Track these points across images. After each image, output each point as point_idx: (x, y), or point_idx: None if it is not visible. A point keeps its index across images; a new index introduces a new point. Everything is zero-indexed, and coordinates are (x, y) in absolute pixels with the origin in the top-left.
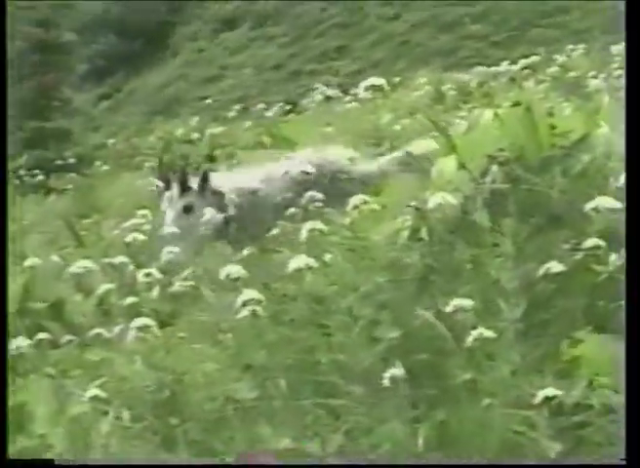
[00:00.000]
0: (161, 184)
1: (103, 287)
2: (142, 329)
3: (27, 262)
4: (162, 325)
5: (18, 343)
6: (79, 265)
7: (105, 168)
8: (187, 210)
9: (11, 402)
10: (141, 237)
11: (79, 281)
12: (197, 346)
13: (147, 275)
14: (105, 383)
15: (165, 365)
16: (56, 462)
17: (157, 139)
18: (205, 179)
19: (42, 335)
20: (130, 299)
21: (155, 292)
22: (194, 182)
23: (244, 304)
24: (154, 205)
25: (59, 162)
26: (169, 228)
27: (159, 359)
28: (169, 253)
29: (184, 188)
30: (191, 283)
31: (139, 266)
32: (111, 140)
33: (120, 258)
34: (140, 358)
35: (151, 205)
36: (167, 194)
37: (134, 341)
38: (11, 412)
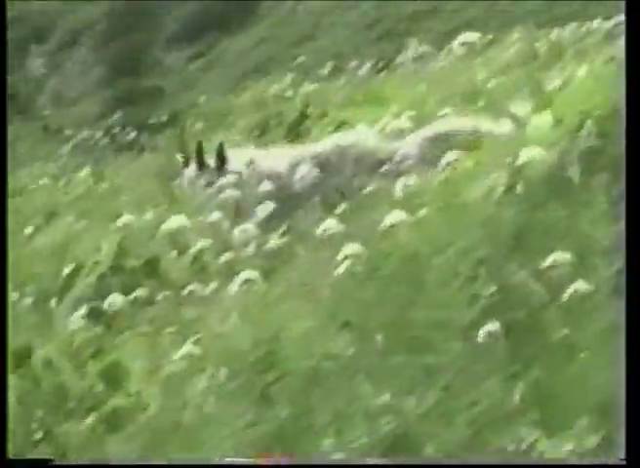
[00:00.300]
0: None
1: (198, 244)
2: (247, 282)
3: (122, 220)
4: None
5: (113, 300)
6: (174, 222)
7: (198, 126)
8: (209, 186)
9: (106, 360)
10: (236, 194)
11: (174, 238)
12: (293, 303)
13: (243, 231)
14: (201, 340)
15: (261, 321)
16: (55, 462)
17: (250, 98)
18: (222, 157)
19: (137, 293)
20: (225, 256)
21: (251, 249)
22: (212, 160)
23: (342, 260)
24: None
25: (152, 120)
26: (265, 186)
27: (255, 316)
28: (265, 210)
29: (202, 166)
30: (287, 240)
31: (233, 224)
32: (204, 99)
33: (216, 215)
34: (236, 315)
35: None
36: (185, 171)
37: (235, 296)
38: (106, 370)
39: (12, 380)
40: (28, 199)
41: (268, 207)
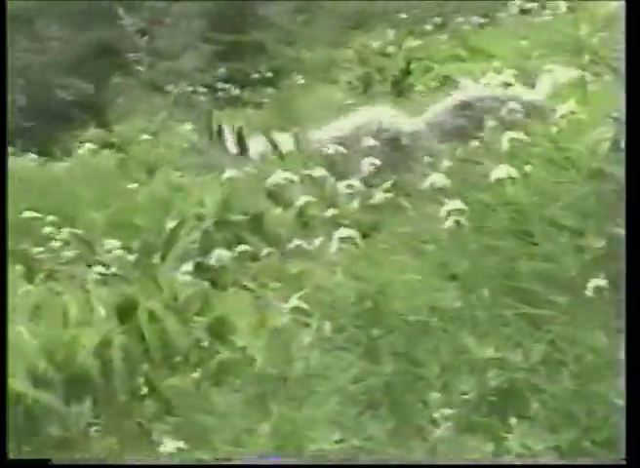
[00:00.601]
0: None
1: (303, 198)
2: (345, 239)
3: (226, 174)
4: (363, 236)
5: (218, 256)
6: (278, 177)
7: (301, 81)
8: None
9: (212, 314)
10: (341, 149)
11: (279, 193)
12: (399, 257)
13: (349, 186)
14: (306, 295)
15: (366, 275)
16: (54, 462)
17: (354, 53)
18: (242, 143)
19: (242, 248)
20: (330, 211)
21: (356, 204)
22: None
23: (448, 214)
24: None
25: (254, 75)
26: (369, 141)
27: (360, 270)
28: (370, 164)
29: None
30: (392, 194)
31: (338, 178)
32: (307, 54)
33: (320, 170)
34: (342, 269)
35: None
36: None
37: (336, 252)
38: (212, 325)
39: (117, 336)
40: (131, 154)
41: (373, 162)
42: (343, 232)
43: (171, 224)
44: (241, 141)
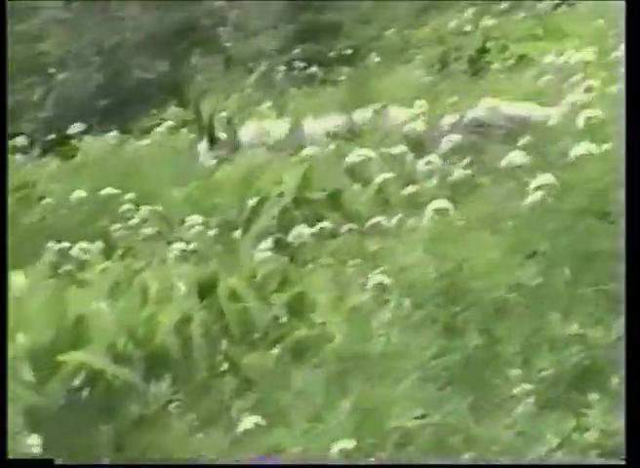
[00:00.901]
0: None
1: (382, 176)
2: (438, 212)
3: (306, 152)
4: (441, 214)
5: (298, 233)
6: (357, 155)
7: (377, 60)
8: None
9: (291, 291)
10: (420, 126)
11: (357, 170)
12: (478, 234)
13: (428, 163)
14: (385, 272)
15: (446, 253)
16: (55, 462)
17: (430, 31)
18: (232, 131)
19: (322, 225)
20: (409, 188)
21: (435, 181)
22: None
23: (530, 191)
24: (429, 96)
25: (331, 54)
26: (448, 119)
27: (440, 247)
28: (448, 141)
29: (213, 140)
30: (471, 171)
31: (417, 155)
32: (383, 33)
33: (399, 147)
34: (420, 246)
35: (426, 97)
36: (199, 146)
37: (421, 227)
38: (291, 301)
39: (197, 313)
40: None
41: (453, 139)
42: (437, 204)
43: (251, 202)
44: (230, 130)
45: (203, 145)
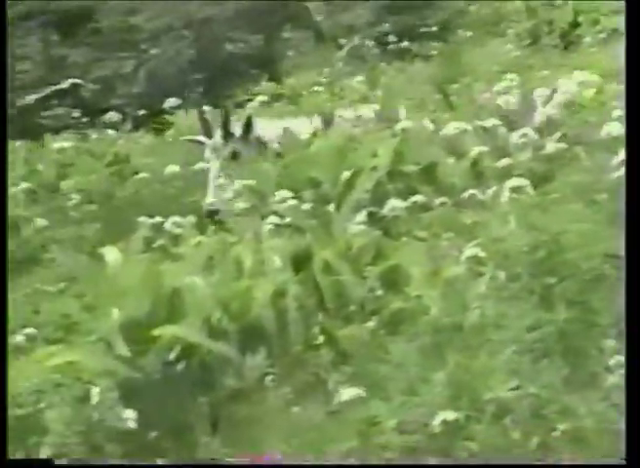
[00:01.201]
0: (203, 138)
1: (476, 149)
2: (516, 189)
3: (399, 125)
4: (536, 186)
5: (392, 206)
6: (452, 128)
7: (469, 34)
8: (234, 157)
9: (386, 264)
10: (513, 100)
11: (451, 143)
12: (572, 206)
13: (522, 136)
14: (480, 244)
15: (540, 225)
16: (55, 462)
17: (521, 5)
18: (248, 125)
19: (416, 198)
20: (504, 161)
21: (529, 154)
22: (237, 129)
23: (621, 163)
24: (521, 69)
25: (422, 29)
26: (541, 92)
27: (534, 219)
28: (541, 114)
29: (227, 135)
30: (564, 145)
31: (510, 129)
32: (473, 7)
33: (492, 121)
34: (515, 218)
35: (518, 70)
36: (209, 143)
37: (508, 202)
38: (386, 274)
39: (291, 286)
40: (302, 106)
41: (546, 112)
42: (514, 182)
43: (345, 175)
44: (248, 128)
45: (216, 140)
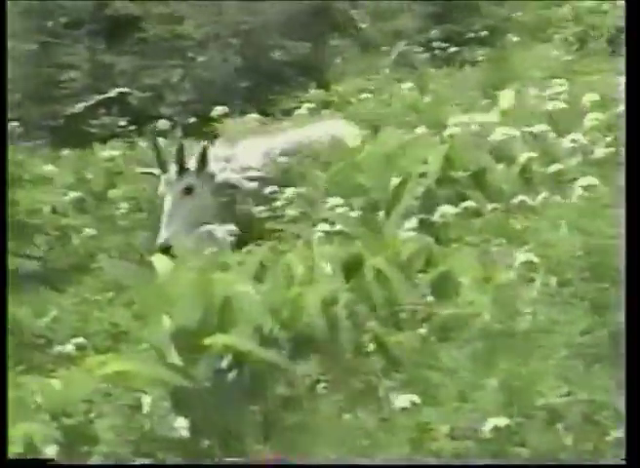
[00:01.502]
0: (157, 170)
1: (525, 154)
2: (588, 188)
3: (448, 131)
4: (586, 190)
5: (442, 212)
6: (500, 133)
7: (515, 39)
8: (188, 191)
9: (436, 270)
10: (561, 105)
11: (500, 149)
12: (622, 211)
13: (572, 141)
14: (531, 250)
15: (591, 230)
16: (56, 462)
17: (567, 11)
18: (203, 159)
19: (466, 204)
20: (553, 166)
21: (579, 159)
22: (192, 163)
23: None
24: (569, 74)
25: (469, 35)
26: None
27: (585, 224)
28: (592, 119)
29: (182, 169)
30: (613, 149)
31: (559, 134)
32: (519, 13)
33: (541, 126)
34: (566, 224)
35: (566, 75)
36: (164, 177)
37: (572, 203)
38: (437, 281)
39: (342, 293)
40: (350, 113)
41: (594, 116)
42: (586, 180)
43: (395, 181)
44: (204, 161)
45: (169, 175)
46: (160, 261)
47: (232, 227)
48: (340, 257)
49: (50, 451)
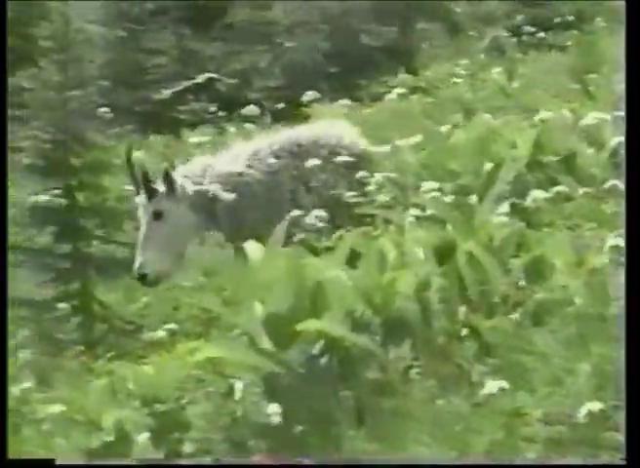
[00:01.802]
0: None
1: (615, 139)
2: None
3: (539, 116)
4: None
5: (534, 196)
6: (591, 118)
7: (603, 24)
8: (157, 216)
9: (529, 255)
10: None
11: (591, 134)
12: None
13: None
14: (622, 235)
15: None
16: (56, 462)
17: None
18: (169, 182)
19: (558, 188)
20: None
21: None
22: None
23: None
24: None
25: (557, 19)
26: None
27: None
28: None
29: (151, 193)
30: None
31: None
32: None
33: None
34: None
35: None
36: (137, 200)
37: None
38: (529, 265)
39: (435, 278)
40: (441, 98)
41: None
42: None
43: (487, 166)
44: (170, 183)
45: (141, 198)
46: (252, 247)
47: (322, 213)
48: (432, 242)
49: (141, 439)
